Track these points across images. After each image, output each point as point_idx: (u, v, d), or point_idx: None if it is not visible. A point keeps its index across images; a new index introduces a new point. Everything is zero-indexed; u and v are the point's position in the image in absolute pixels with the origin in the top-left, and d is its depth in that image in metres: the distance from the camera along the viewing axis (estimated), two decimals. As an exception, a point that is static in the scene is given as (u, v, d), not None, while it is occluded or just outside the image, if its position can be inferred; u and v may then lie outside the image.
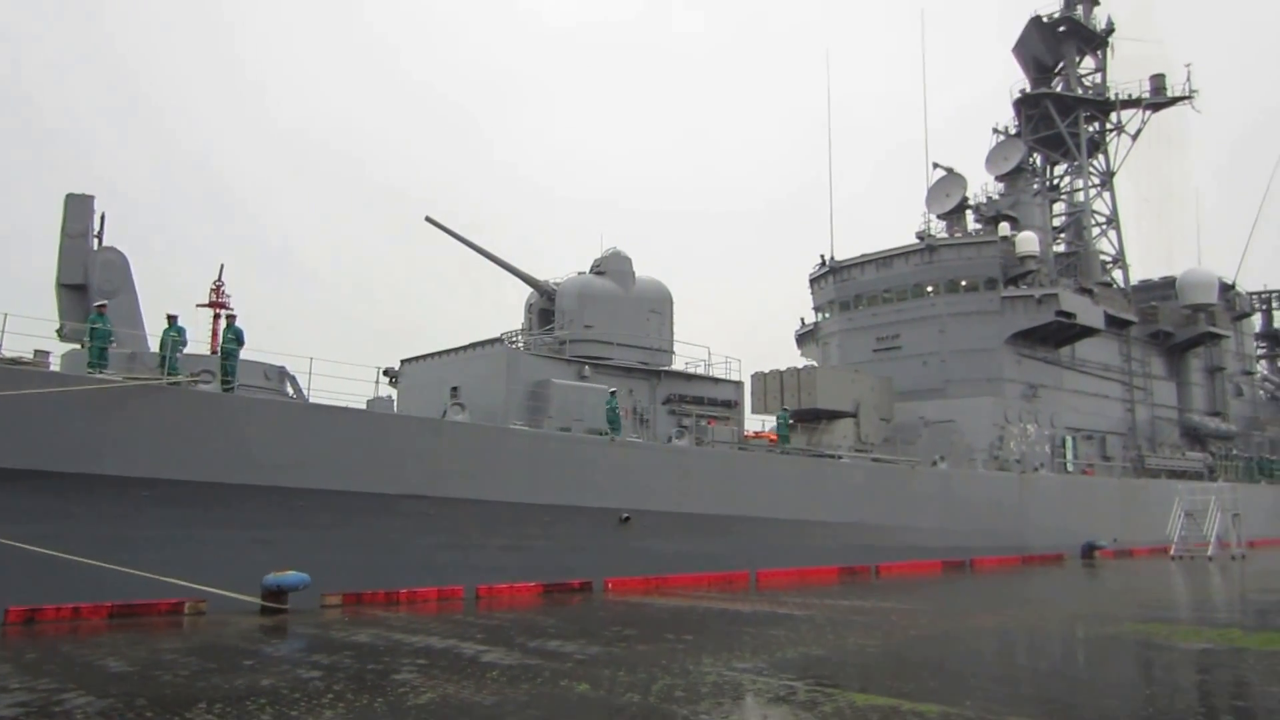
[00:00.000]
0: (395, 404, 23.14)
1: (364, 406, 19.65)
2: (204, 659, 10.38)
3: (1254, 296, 60.13)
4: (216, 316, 50.35)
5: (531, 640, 12.00)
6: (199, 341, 17.43)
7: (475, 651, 10.94)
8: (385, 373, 23.84)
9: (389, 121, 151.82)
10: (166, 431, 15.17)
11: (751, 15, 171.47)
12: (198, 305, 53.10)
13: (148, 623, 13.66)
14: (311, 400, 17.72)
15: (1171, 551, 32.15)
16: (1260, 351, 61.84)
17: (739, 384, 27.04)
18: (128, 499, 14.81)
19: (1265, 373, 60.47)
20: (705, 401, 25.77)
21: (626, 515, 20.39)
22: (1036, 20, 47.52)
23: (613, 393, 22.23)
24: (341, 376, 18.23)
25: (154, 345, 16.72)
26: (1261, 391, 57.13)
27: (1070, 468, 37.35)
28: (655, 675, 9.37)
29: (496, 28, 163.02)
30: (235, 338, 17.01)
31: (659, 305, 25.40)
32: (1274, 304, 63.50)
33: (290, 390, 18.41)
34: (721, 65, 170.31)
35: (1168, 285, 49.98)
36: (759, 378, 31.73)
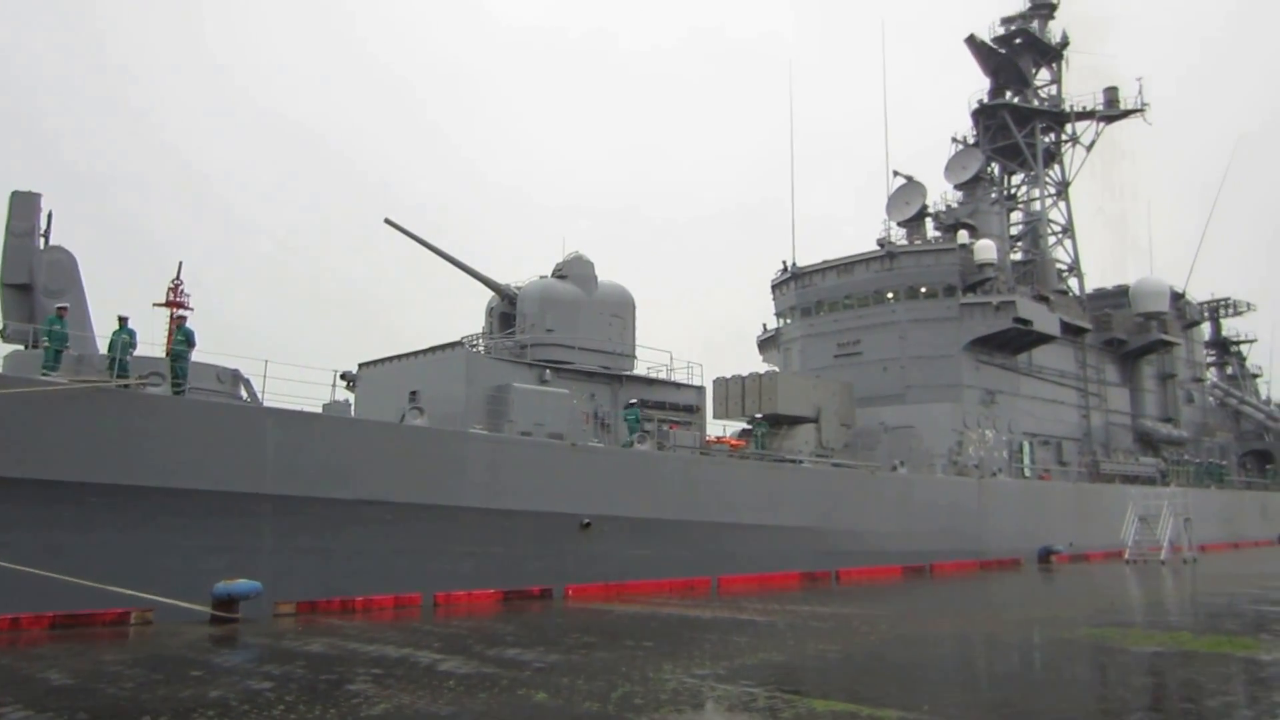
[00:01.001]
0: (353, 408, 22.80)
1: (320, 410, 19.33)
2: (150, 670, 10.09)
3: (1203, 305, 61.37)
4: (174, 317, 49.22)
5: (489, 648, 11.82)
6: (154, 344, 16.99)
7: (432, 660, 10.74)
8: (342, 376, 23.53)
9: (345, 118, 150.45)
10: (114, 435, 14.79)
11: (715, 24, 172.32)
12: (154, 304, 51.67)
13: (91, 633, 13.28)
14: (266, 404, 17.39)
15: (1125, 555, 32.54)
16: (1209, 359, 63.13)
17: (701, 389, 27.03)
18: (72, 504, 14.42)
19: (1214, 380, 61.69)
20: (667, 406, 25.71)
21: (587, 521, 20.23)
22: (972, 39, 48.14)
23: (632, 404, 23.41)
24: (297, 380, 17.94)
25: (103, 347, 16.32)
26: (1211, 398, 58.24)
27: (1027, 473, 37.79)
28: (615, 683, 9.25)
29: (458, 27, 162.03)
30: (186, 339, 16.65)
31: (621, 310, 25.31)
32: (1222, 313, 64.88)
33: (244, 393, 18.06)
34: (684, 71, 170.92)
35: (1121, 294, 50.84)
36: (721, 383, 31.73)
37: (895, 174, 42.22)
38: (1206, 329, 62.63)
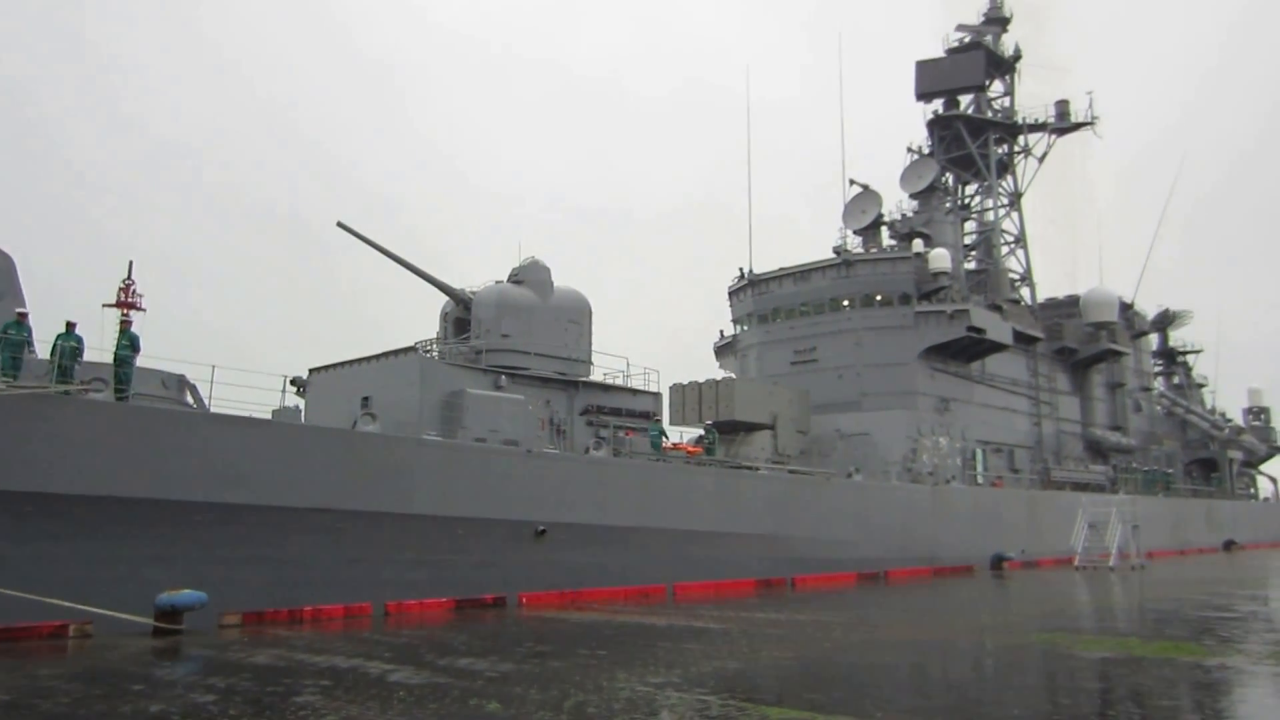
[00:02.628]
0: (303, 414, 22.43)
1: (269, 417, 18.98)
2: (88, 685, 9.80)
3: (1153, 315, 62.63)
4: (124, 318, 47.86)
5: (441, 658, 11.66)
6: (103, 350, 16.52)
7: (382, 671, 10.56)
8: (292, 382, 23.10)
9: (295, 120, 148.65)
10: (54, 442, 14.38)
11: (670, 32, 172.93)
12: (104, 305, 50.31)
13: (28, 647, 12.88)
14: (213, 410, 17.03)
15: (1075, 562, 33.01)
16: (1157, 369, 64.44)
17: (657, 395, 26.96)
18: (8, 515, 13.98)
19: (1161, 389, 62.95)
20: (624, 413, 25.62)
21: (542, 528, 20.07)
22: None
23: (656, 420, 24.08)
24: (246, 385, 17.57)
25: (44, 352, 15.85)
26: (1158, 407, 59.40)
27: (980, 480, 38.21)
28: (568, 692, 9.15)
29: (408, 27, 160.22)
30: (130, 344, 16.26)
31: (577, 315, 25.19)
32: (1169, 323, 66.30)
33: (190, 399, 17.68)
34: (640, 76, 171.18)
35: (1072, 303, 51.70)
36: (678, 389, 31.72)
37: (852, 182, 42.61)
38: (1154, 339, 63.92)
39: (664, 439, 25.70)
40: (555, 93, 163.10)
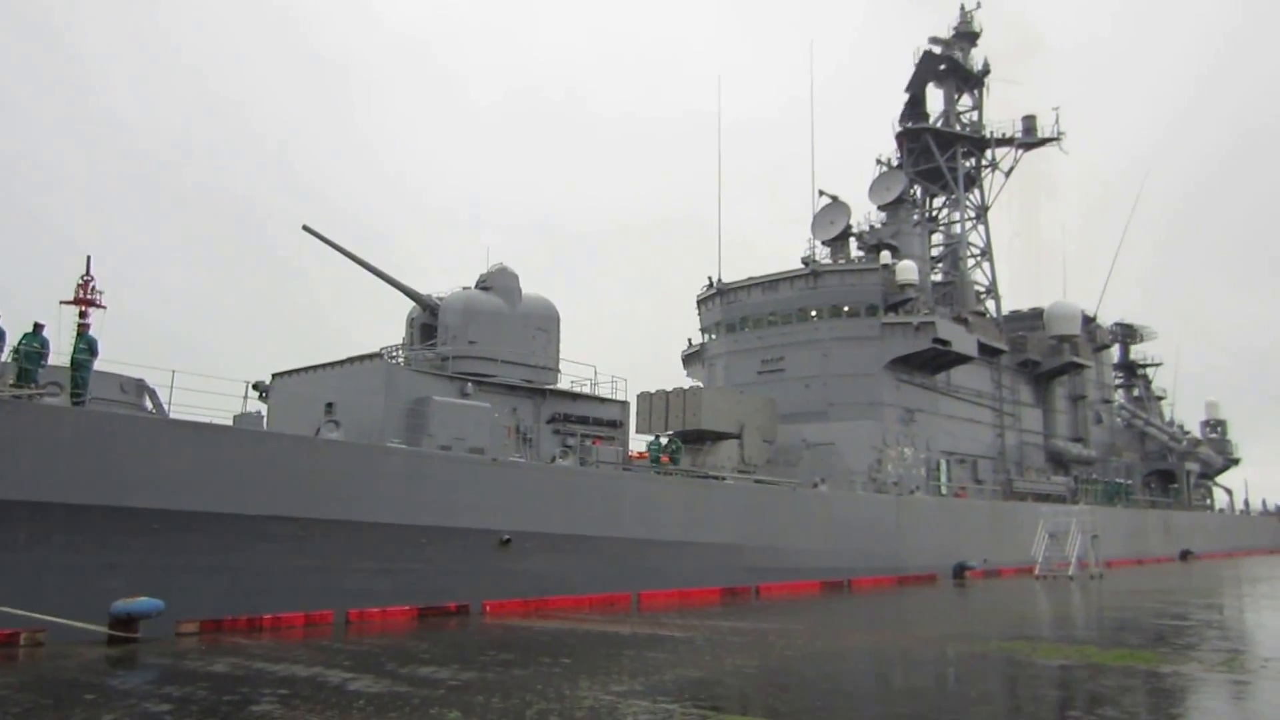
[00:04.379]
0: (265, 420, 22.17)
1: (230, 423, 18.75)
2: (39, 695, 9.59)
3: (1113, 329, 63.59)
4: (82, 314, 46.52)
5: (403, 666, 11.55)
6: (60, 353, 16.21)
7: (341, 679, 10.43)
8: (255, 387, 22.83)
9: (260, 124, 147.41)
10: (6, 448, 14.11)
11: (639, 42, 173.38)
12: (62, 302, 48.87)
13: (-21, 654, 12.63)
14: (172, 415, 16.80)
15: (1036, 571, 33.31)
16: (1118, 381, 65.40)
17: (625, 404, 26.92)
18: None
19: (1122, 401, 63.87)
20: (590, 421, 25.55)
21: (507, 537, 19.97)
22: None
23: (657, 438, 24.94)
24: (207, 391, 17.38)
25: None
26: (1119, 419, 60.24)
27: (944, 491, 38.51)
28: (530, 700, 9.09)
29: (347, 23, 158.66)
30: (88, 347, 16.01)
31: (545, 323, 25.10)
32: (1130, 337, 67.38)
33: (149, 404, 17.42)
34: (611, 82, 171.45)
35: (1036, 316, 52.33)
36: (645, 398, 31.72)
37: (821, 193, 42.89)
38: (1115, 352, 64.86)
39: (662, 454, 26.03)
40: (518, 101, 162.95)
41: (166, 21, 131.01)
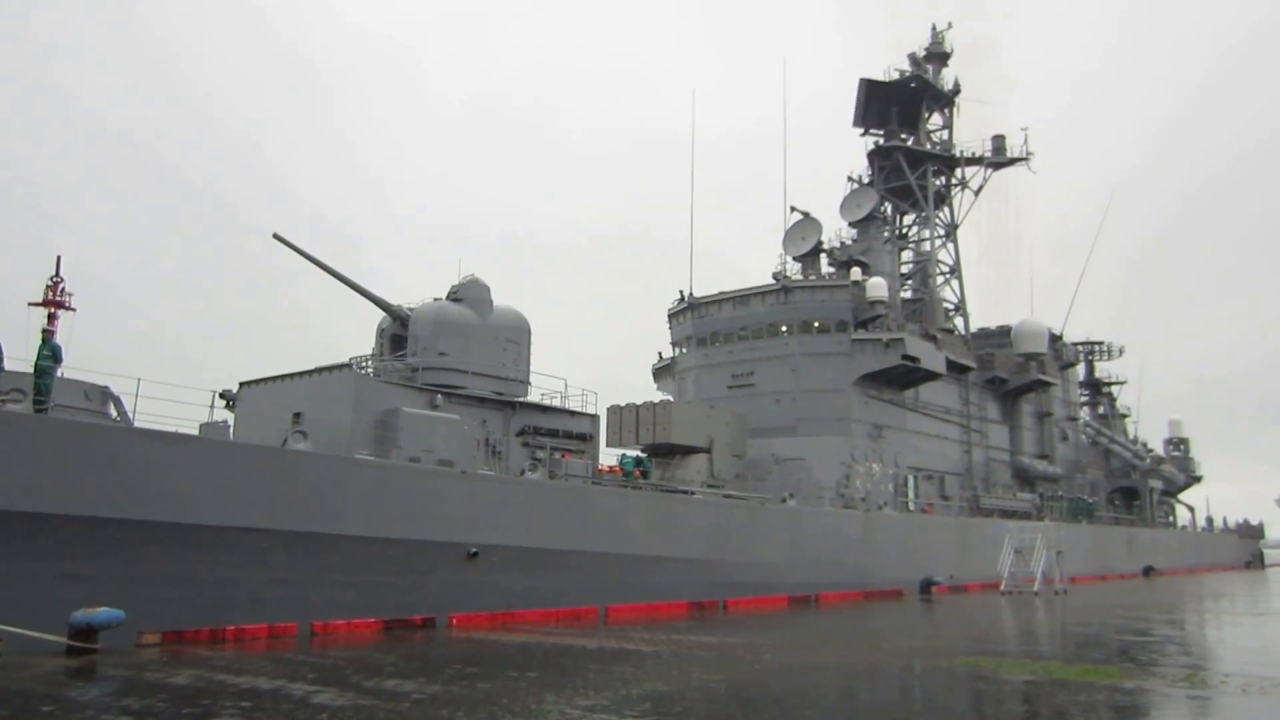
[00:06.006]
0: (232, 430, 21.92)
1: (196, 431, 18.52)
2: (-6, 704, 9.44)
3: (1078, 347, 64.32)
4: (52, 317, 45.77)
5: (368, 679, 11.47)
6: (22, 360, 15.90)
7: (305, 692, 10.34)
8: (222, 396, 22.58)
9: (232, 131, 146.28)
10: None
11: (610, 55, 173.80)
12: (30, 304, 48.23)
13: (-66, 665, 12.39)
14: (137, 424, 16.58)
15: (1001, 587, 33.57)
16: (1083, 399, 66.15)
17: (595, 417, 26.87)
18: None
19: (1087, 419, 64.58)
20: (560, 434, 25.47)
21: (475, 550, 19.87)
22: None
23: (631, 456, 25.95)
24: (173, 399, 17.16)
25: None
26: (1084, 436, 60.89)
27: (911, 506, 38.72)
28: (495, 714, 9.06)
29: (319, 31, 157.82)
30: (52, 354, 15.78)
31: (516, 335, 25.01)
32: (1095, 355, 68.19)
33: (114, 412, 17.18)
34: (581, 93, 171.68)
35: (1003, 334, 52.84)
36: (615, 411, 31.68)
37: (792, 209, 43.06)
38: (1081, 370, 65.63)
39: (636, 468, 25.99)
40: (487, 111, 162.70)
41: (138, 14, 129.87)
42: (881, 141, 50.31)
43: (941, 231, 52.26)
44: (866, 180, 49.53)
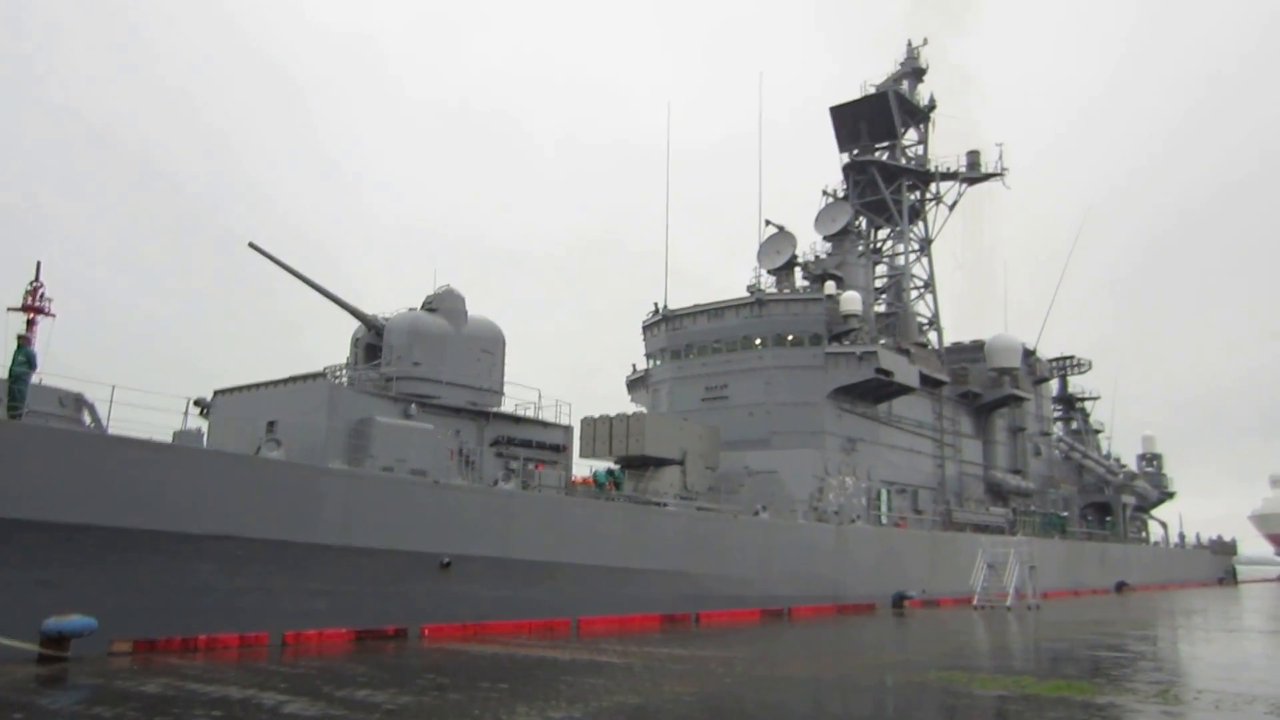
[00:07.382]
0: (205, 438, 21.82)
1: (170, 439, 18.45)
2: (-39, 713, 9.37)
3: (1052, 363, 64.97)
4: (30, 323, 45.09)
5: (339, 689, 11.45)
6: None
7: (276, 702, 10.33)
8: (196, 403, 22.47)
9: (208, 139, 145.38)
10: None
11: (589, 68, 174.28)
12: (9, 309, 47.55)
13: (-101, 673, 12.25)
14: (110, 431, 16.50)
15: (974, 601, 33.79)
16: (1056, 414, 66.79)
17: (569, 428, 26.90)
18: None
19: (1060, 434, 65.19)
20: (534, 445, 25.49)
21: (448, 560, 19.85)
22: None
23: (607, 470, 26.27)
24: (147, 407, 17.10)
25: None
26: (1057, 451, 61.45)
27: (884, 520, 38.93)
28: (465, 726, 9.07)
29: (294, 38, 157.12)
30: (26, 360, 15.70)
31: (491, 345, 25.03)
32: (1068, 370, 68.88)
33: (88, 419, 17.08)
34: (555, 105, 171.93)
35: (977, 348, 53.29)
36: (589, 423, 31.71)
37: (768, 223, 43.38)
38: (1054, 385, 66.28)
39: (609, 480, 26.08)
40: (465, 126, 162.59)
41: (117, 18, 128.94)
42: (856, 154, 50.77)
43: (916, 246, 52.79)
44: (842, 195, 49.94)
